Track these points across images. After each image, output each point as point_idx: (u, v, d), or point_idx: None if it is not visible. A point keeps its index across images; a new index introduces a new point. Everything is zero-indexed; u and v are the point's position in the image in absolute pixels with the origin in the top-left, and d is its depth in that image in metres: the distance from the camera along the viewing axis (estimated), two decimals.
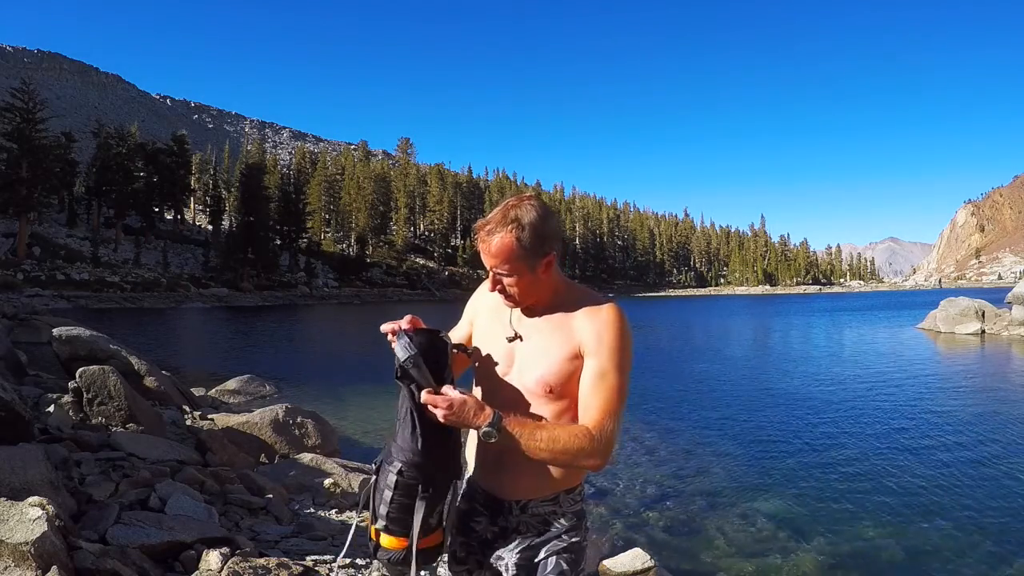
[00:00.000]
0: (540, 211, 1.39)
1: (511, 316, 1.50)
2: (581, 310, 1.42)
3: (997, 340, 21.27)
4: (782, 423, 9.17)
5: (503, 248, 1.36)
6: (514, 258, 1.37)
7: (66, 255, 47.63)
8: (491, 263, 1.40)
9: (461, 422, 1.28)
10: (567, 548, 1.43)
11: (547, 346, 1.42)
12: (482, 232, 1.40)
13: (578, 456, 1.31)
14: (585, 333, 1.39)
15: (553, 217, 1.43)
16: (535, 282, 1.42)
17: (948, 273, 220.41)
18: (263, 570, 2.75)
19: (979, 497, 5.88)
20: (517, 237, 1.36)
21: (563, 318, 1.43)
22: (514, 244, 1.36)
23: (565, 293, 1.47)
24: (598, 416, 1.33)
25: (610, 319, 1.39)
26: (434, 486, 1.34)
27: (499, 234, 1.37)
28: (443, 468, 1.37)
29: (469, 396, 1.30)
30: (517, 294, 1.43)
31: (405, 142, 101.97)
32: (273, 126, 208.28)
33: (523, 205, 1.39)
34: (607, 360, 1.36)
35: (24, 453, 3.15)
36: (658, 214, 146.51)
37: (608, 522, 5.27)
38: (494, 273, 1.42)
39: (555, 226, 1.42)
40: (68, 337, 7.79)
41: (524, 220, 1.36)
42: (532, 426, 1.31)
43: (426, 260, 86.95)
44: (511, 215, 1.37)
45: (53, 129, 52.56)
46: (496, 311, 1.53)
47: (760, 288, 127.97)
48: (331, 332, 28.54)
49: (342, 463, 5.80)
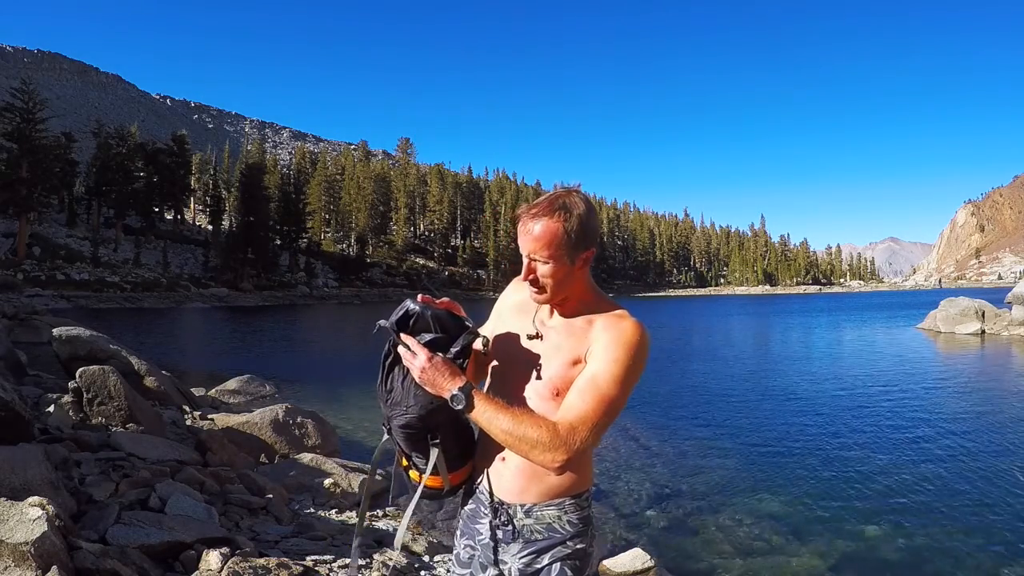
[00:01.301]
0: (587, 205, 1.39)
1: (535, 315, 1.49)
2: (601, 319, 1.41)
3: (997, 340, 21.27)
4: (782, 423, 9.17)
5: (548, 232, 1.35)
6: (556, 244, 1.36)
7: (66, 255, 47.63)
8: (532, 247, 1.38)
9: (433, 381, 1.30)
10: (572, 555, 1.41)
11: (561, 351, 1.41)
12: (526, 216, 1.38)
13: (534, 447, 1.28)
14: (597, 341, 1.37)
15: (596, 215, 1.42)
16: (570, 275, 1.40)
17: (948, 273, 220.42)
18: (263, 570, 2.75)
19: (979, 497, 5.89)
20: (564, 224, 1.35)
21: (583, 324, 1.42)
22: (560, 231, 1.35)
23: (593, 302, 1.45)
24: (571, 417, 1.30)
25: (626, 333, 1.36)
26: (441, 430, 1.39)
27: (545, 219, 1.36)
28: (440, 411, 1.37)
29: (445, 361, 1.32)
30: (550, 286, 1.41)
31: (405, 142, 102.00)
32: (273, 126, 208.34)
33: (572, 196, 1.39)
34: (606, 368, 1.33)
35: (24, 453, 3.15)
36: (658, 214, 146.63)
37: (608, 522, 5.27)
38: (531, 260, 1.40)
39: (597, 224, 1.42)
40: (68, 337, 7.79)
41: (573, 210, 1.36)
42: (501, 406, 1.31)
43: (426, 260, 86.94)
44: (560, 202, 1.37)
45: (53, 129, 52.61)
46: (522, 309, 1.52)
47: (760, 288, 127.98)
48: (331, 332, 28.53)
49: (342, 463, 5.80)
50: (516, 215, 1.42)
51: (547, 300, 1.45)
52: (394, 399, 1.39)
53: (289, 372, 13.94)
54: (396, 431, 1.41)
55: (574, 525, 1.42)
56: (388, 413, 1.41)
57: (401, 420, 1.38)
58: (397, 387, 1.38)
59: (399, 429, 1.40)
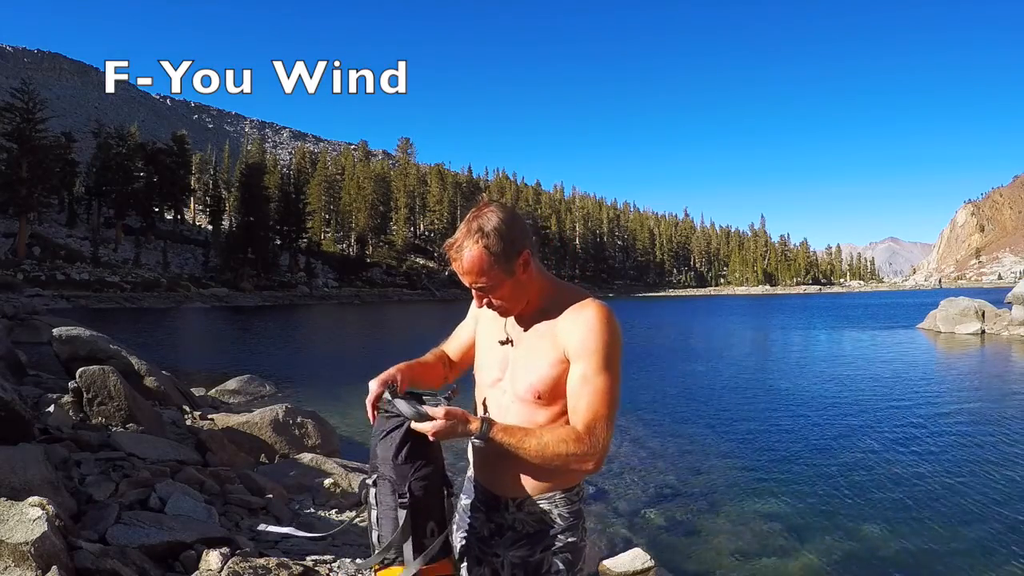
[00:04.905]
0: (501, 214, 1.37)
1: (506, 321, 1.51)
2: (565, 313, 1.41)
3: (997, 340, 21.27)
4: (782, 423, 9.17)
5: (474, 261, 1.35)
6: (488, 267, 1.35)
7: (66, 255, 47.64)
8: (468, 280, 1.39)
9: (450, 436, 1.30)
10: (563, 548, 1.43)
11: (534, 353, 1.42)
12: (452, 252, 1.38)
13: (569, 460, 1.32)
14: (569, 337, 1.38)
15: (518, 217, 1.41)
16: (518, 285, 1.41)
17: (948, 273, 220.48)
18: (263, 570, 2.75)
19: (979, 497, 5.88)
20: (485, 246, 1.34)
21: (549, 323, 1.42)
22: (484, 254, 1.34)
23: (552, 294, 1.46)
24: (586, 419, 1.34)
25: (593, 321, 1.36)
26: (412, 492, 1.30)
27: (467, 248, 1.35)
28: (423, 478, 1.32)
29: (455, 411, 1.30)
30: (505, 302, 1.43)
31: (405, 142, 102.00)
32: (273, 126, 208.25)
33: (483, 214, 1.38)
34: (591, 364, 1.35)
35: (24, 453, 3.15)
36: (658, 214, 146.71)
37: (608, 522, 5.26)
38: (475, 289, 1.42)
39: (521, 224, 1.40)
40: (68, 337, 7.78)
41: (487, 227, 1.35)
42: (521, 434, 1.32)
43: (426, 260, 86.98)
44: (473, 227, 1.36)
45: (53, 129, 52.67)
46: (495, 315, 1.54)
47: (760, 288, 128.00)
48: (331, 332, 28.54)
49: (342, 463, 5.80)
50: (443, 251, 1.43)
51: (511, 313, 1.47)
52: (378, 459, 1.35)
53: (289, 372, 13.95)
54: (370, 492, 1.34)
55: (565, 519, 1.44)
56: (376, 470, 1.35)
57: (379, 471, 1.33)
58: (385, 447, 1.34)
59: (373, 485, 1.33)
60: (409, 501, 1.29)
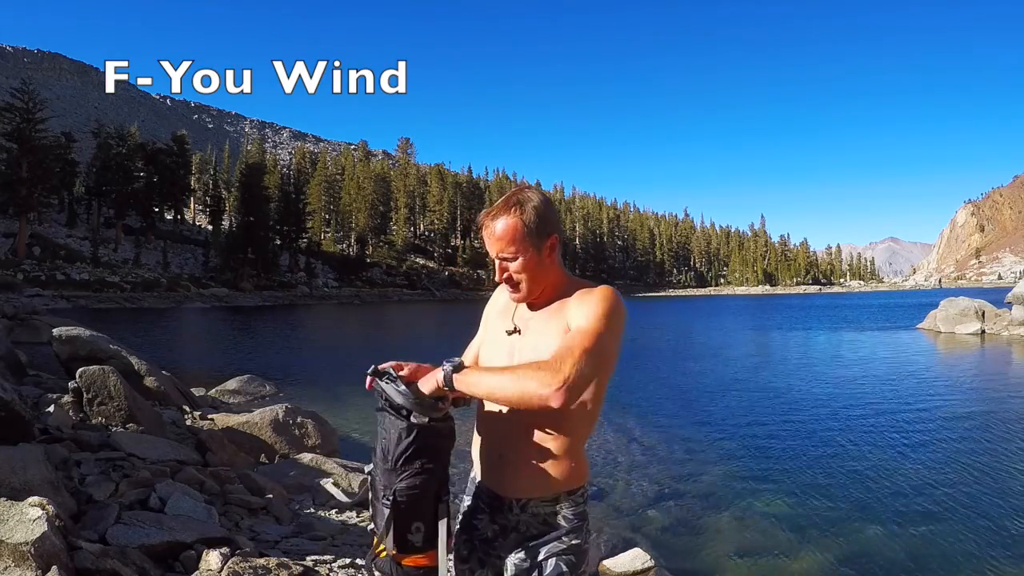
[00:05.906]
0: (541, 196, 1.45)
1: (514, 312, 1.52)
2: (575, 295, 1.44)
3: (997, 340, 21.27)
4: (782, 423, 9.17)
5: (508, 228, 1.40)
6: (520, 238, 1.40)
7: (66, 255, 47.63)
8: (498, 247, 1.42)
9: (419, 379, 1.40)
10: (567, 550, 1.42)
11: (542, 336, 1.43)
12: (487, 219, 1.44)
13: (527, 388, 1.23)
14: (575, 311, 1.40)
15: (552, 204, 1.48)
16: (540, 266, 1.44)
17: (948, 273, 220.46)
18: (263, 570, 2.75)
19: (979, 497, 5.88)
20: (520, 216, 1.40)
21: (559, 308, 1.44)
22: (519, 224, 1.40)
23: (566, 287, 1.48)
24: (558, 352, 1.27)
25: (598, 294, 1.40)
26: (395, 498, 1.36)
27: (503, 217, 1.41)
28: (412, 486, 1.37)
29: (426, 375, 1.40)
30: (525, 280, 1.44)
31: (405, 142, 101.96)
32: (273, 126, 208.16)
33: (523, 192, 1.45)
34: (584, 314, 1.36)
35: (24, 453, 3.15)
36: (658, 214, 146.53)
37: (608, 522, 5.26)
38: (500, 259, 1.44)
39: (555, 213, 1.47)
40: (68, 337, 7.78)
41: (527, 204, 1.42)
42: (480, 370, 1.35)
43: (426, 260, 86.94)
44: (514, 199, 1.43)
45: (53, 129, 52.62)
46: (503, 311, 1.56)
47: (760, 288, 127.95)
48: (331, 332, 28.53)
49: (342, 463, 5.80)
50: (478, 221, 1.46)
51: (525, 297, 1.48)
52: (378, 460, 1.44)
53: (289, 372, 13.95)
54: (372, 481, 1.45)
55: (569, 521, 1.43)
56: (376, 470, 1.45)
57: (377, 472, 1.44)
58: None
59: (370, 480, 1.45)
60: (392, 504, 1.35)
